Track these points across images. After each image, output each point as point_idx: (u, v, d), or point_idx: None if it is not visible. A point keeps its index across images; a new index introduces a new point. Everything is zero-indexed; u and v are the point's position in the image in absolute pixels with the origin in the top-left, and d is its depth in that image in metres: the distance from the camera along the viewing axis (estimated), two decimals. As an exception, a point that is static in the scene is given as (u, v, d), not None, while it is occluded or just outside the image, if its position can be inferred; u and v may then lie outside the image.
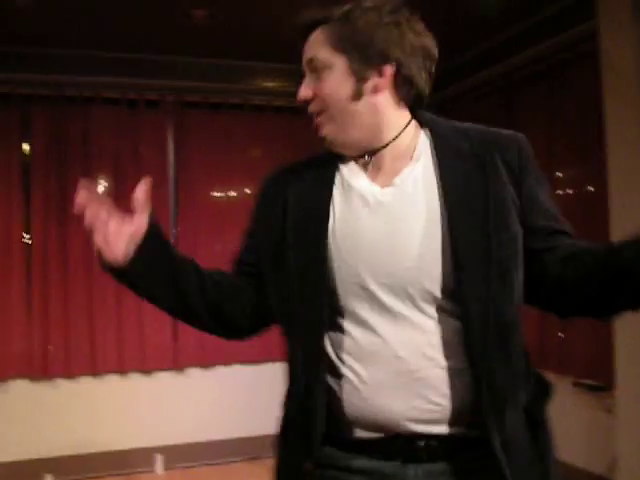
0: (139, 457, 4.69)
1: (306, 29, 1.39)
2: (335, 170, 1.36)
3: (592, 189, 4.01)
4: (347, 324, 1.27)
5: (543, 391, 1.36)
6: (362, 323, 1.26)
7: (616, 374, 3.51)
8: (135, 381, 4.80)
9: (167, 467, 4.72)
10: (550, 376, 1.42)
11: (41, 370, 4.56)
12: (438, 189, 1.28)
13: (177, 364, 4.82)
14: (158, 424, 4.76)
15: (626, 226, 3.30)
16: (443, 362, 1.23)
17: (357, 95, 1.31)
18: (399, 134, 1.35)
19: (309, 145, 5.32)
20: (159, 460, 4.70)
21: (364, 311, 1.26)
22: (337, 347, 1.27)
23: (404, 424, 1.22)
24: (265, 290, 1.40)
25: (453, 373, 1.23)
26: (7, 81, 4.57)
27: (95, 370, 4.67)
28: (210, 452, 4.80)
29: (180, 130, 4.97)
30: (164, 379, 4.85)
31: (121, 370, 4.74)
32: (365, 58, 1.30)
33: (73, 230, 4.65)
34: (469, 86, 5.03)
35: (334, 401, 1.27)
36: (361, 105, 1.32)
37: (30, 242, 4.65)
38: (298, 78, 1.44)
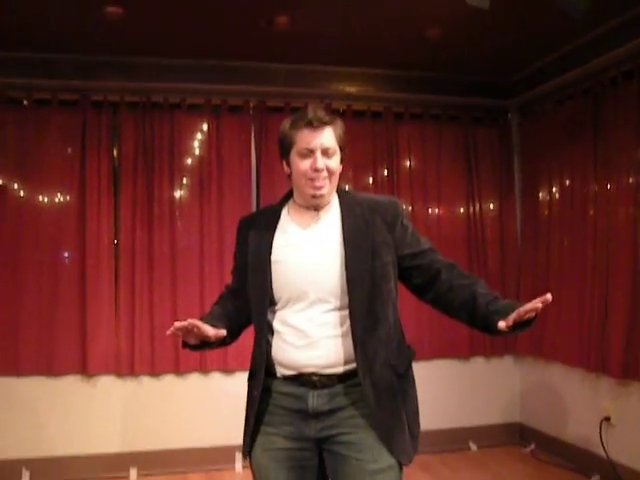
0: (220, 455, 4.79)
1: (324, 125, 2.09)
2: (277, 219, 2.20)
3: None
4: (280, 310, 2.12)
5: (408, 355, 2.21)
6: (287, 310, 2.10)
7: None
8: (216, 381, 4.91)
9: (246, 465, 4.77)
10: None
11: (127, 368, 4.73)
12: (340, 235, 2.11)
13: (257, 365, 4.88)
14: (238, 423, 4.82)
15: None
16: (333, 333, 2.05)
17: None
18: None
19: (388, 147, 5.32)
20: (239, 458, 4.78)
21: (289, 304, 2.10)
22: (274, 322, 2.13)
23: (305, 368, 2.05)
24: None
25: (338, 340, 2.05)
26: (99, 89, 4.77)
27: (178, 369, 4.81)
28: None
29: (262, 134, 5.04)
30: (244, 379, 4.92)
31: (203, 370, 4.86)
32: (342, 150, 2.16)
33: (159, 233, 4.80)
34: (552, 89, 4.92)
35: (272, 353, 2.13)
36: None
37: (117, 244, 4.82)
38: (377, 82, 1.99)
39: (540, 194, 5.16)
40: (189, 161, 4.97)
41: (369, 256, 2.08)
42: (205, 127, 4.99)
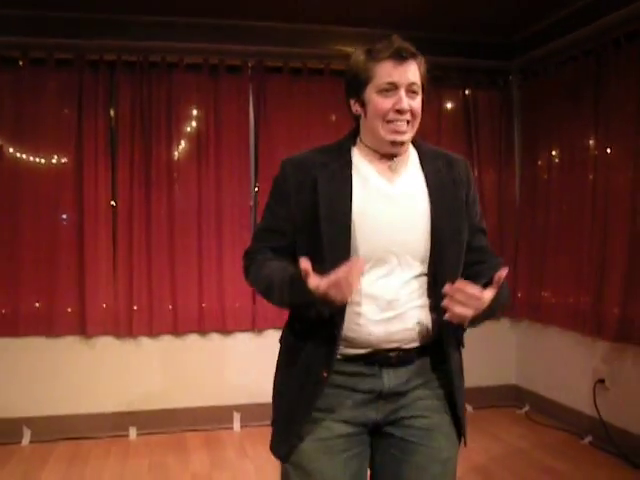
0: (218, 414, 4.85)
1: (412, 57, 1.78)
2: (350, 162, 1.85)
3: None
4: None
5: (462, 327, 1.85)
6: (366, 275, 1.75)
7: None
8: (215, 341, 4.94)
9: (244, 424, 4.86)
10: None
11: (126, 329, 4.76)
12: (425, 191, 1.85)
13: (255, 326, 4.92)
14: (236, 383, 4.89)
15: None
16: (418, 303, 1.81)
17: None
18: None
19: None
20: (237, 418, 4.84)
21: (368, 266, 1.76)
22: None
23: (386, 344, 1.78)
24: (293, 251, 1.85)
25: (424, 310, 1.81)
26: (95, 48, 4.70)
27: (176, 330, 4.83)
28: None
29: (260, 94, 4.99)
30: (243, 340, 4.97)
31: (201, 330, 4.88)
32: (424, 92, 1.84)
33: (156, 194, 4.78)
34: (554, 50, 4.86)
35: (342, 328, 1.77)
36: None
37: (115, 206, 4.80)
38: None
39: (540, 157, 5.13)
40: (187, 122, 4.93)
41: (456, 218, 1.85)
42: (202, 87, 4.93)
